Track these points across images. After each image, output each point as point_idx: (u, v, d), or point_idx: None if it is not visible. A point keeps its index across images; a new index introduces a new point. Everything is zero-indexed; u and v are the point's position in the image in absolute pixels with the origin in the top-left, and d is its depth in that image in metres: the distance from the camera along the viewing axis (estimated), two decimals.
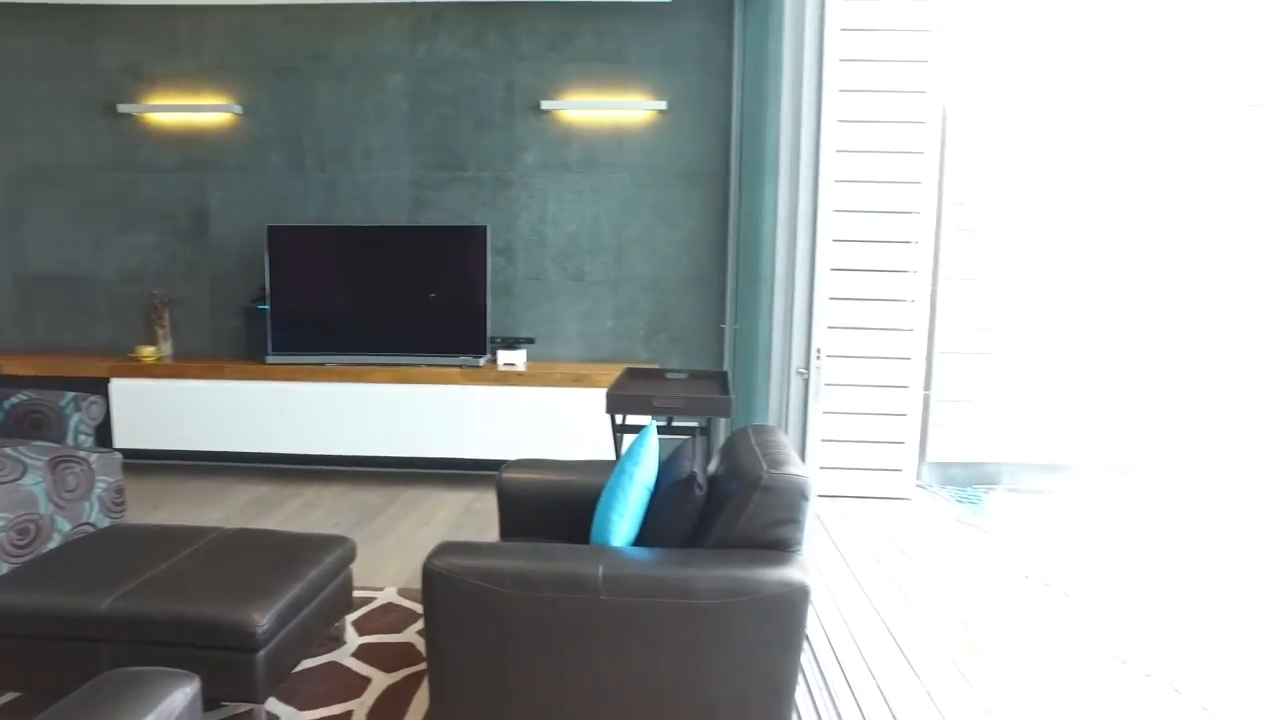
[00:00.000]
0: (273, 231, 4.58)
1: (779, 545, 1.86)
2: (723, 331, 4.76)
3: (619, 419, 3.26)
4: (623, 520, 2.02)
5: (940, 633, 2.94)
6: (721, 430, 4.58)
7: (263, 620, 2.02)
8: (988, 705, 2.46)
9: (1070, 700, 2.50)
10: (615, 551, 1.91)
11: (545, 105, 4.66)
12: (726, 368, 4.69)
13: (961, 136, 4.61)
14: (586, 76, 4.67)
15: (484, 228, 4.59)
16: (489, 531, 3.86)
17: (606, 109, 4.68)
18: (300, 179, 4.81)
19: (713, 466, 2.22)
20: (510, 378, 4.50)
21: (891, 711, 2.42)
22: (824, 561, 3.58)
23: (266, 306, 4.63)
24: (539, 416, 4.46)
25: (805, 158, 2.39)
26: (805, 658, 2.70)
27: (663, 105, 4.63)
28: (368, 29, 4.68)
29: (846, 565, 3.55)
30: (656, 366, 4.60)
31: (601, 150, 4.72)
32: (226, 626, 2.00)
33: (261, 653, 2.04)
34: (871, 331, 4.38)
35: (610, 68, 4.66)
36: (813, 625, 2.92)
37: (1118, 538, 4.49)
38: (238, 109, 4.75)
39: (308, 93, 4.75)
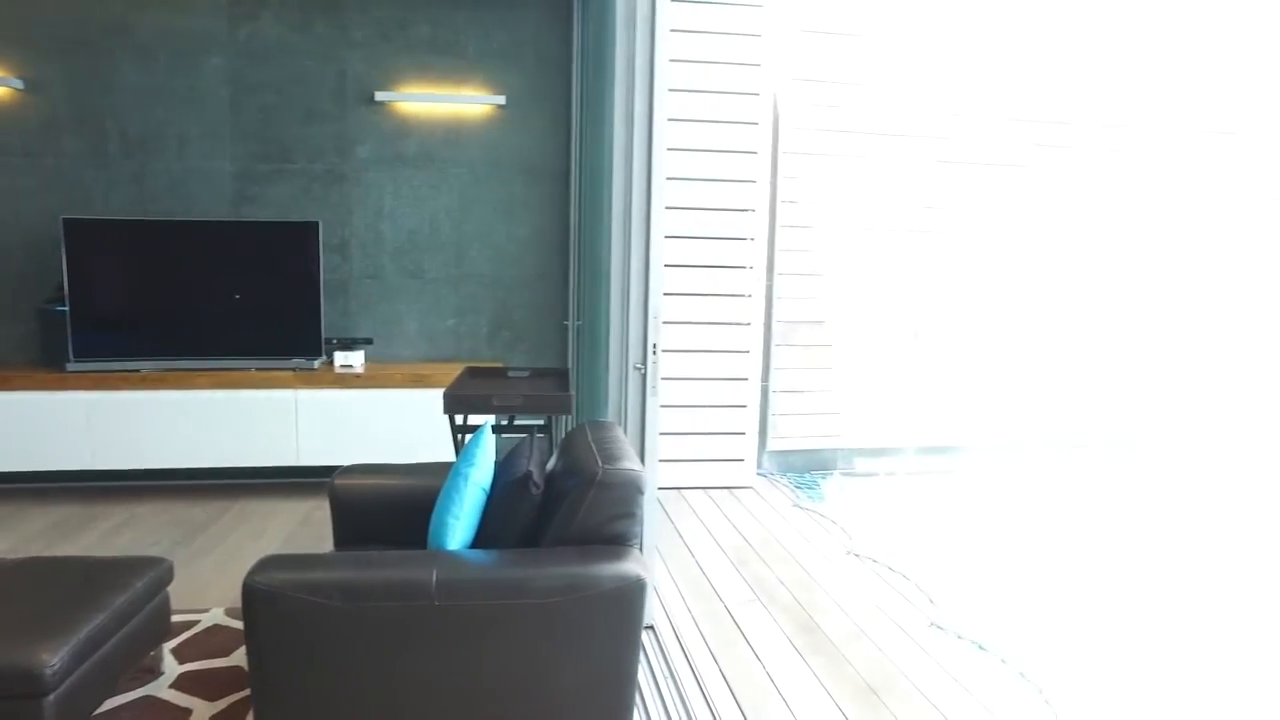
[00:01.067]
0: (70, 225, 4.15)
1: (616, 540, 1.88)
2: (566, 328, 4.76)
3: (460, 419, 3.19)
4: (458, 523, 1.98)
5: (778, 613, 3.07)
6: (565, 428, 4.58)
7: (53, 660, 1.83)
8: (823, 680, 2.60)
9: (895, 666, 2.68)
10: (450, 555, 1.87)
11: (380, 96, 4.49)
12: (570, 365, 4.70)
13: (794, 137, 4.82)
14: (423, 68, 4.53)
15: (315, 223, 4.36)
16: (328, 542, 3.67)
17: (444, 102, 4.57)
18: (103, 167, 4.39)
19: (552, 464, 2.22)
20: (348, 380, 4.30)
21: (733, 694, 2.50)
22: (670, 551, 3.66)
23: (65, 308, 4.19)
24: (380, 419, 4.29)
25: (638, 155, 2.43)
26: (651, 647, 2.75)
27: (502, 100, 4.57)
28: (175, 5, 4.32)
29: (691, 554, 3.65)
30: (499, 365, 4.54)
31: (440, 144, 4.60)
32: (7, 671, 1.80)
33: (51, 697, 1.84)
34: (711, 326, 4.52)
35: (448, 60, 4.54)
36: (657, 614, 2.98)
37: (936, 515, 4.86)
38: (17, 83, 4.26)
39: (108, 71, 4.33)
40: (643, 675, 2.58)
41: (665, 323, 4.32)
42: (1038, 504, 5.13)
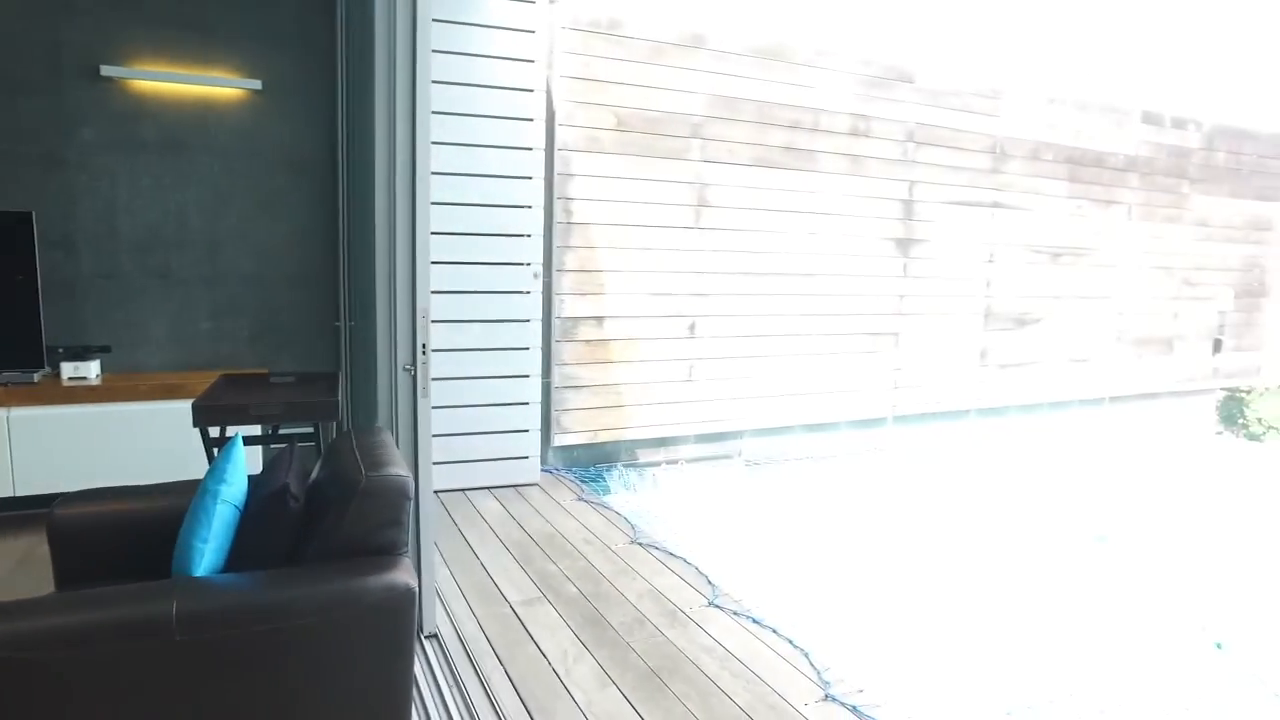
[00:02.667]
0: None
1: (384, 550, 1.80)
2: (338, 330, 4.50)
3: (216, 433, 2.92)
4: (206, 546, 1.80)
5: (565, 607, 3.10)
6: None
7: None
8: (609, 671, 2.65)
9: (676, 648, 2.79)
10: (194, 582, 1.70)
11: (107, 71, 3.98)
12: (341, 368, 4.45)
13: (570, 134, 4.87)
14: (162, 44, 4.08)
15: (29, 214, 3.79)
16: (51, 585, 3.22)
17: (190, 83, 4.14)
18: None
19: (315, 474, 2.08)
20: (80, 394, 3.79)
21: (519, 694, 2.49)
22: (454, 555, 3.57)
23: None
24: (120, 437, 3.82)
25: (402, 148, 2.33)
26: (435, 655, 2.67)
27: (258, 85, 4.22)
28: None
29: (476, 556, 3.59)
30: (263, 370, 4.20)
31: (186, 131, 4.16)
32: None
33: None
34: (490, 324, 4.47)
35: (192, 36, 4.12)
36: (441, 621, 2.90)
37: (716, 501, 5.13)
38: None
39: None
40: (426, 685, 2.50)
41: (440, 322, 4.22)
42: (808, 486, 5.58)
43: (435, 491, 4.29)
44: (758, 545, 4.26)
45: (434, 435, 4.25)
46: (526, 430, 4.63)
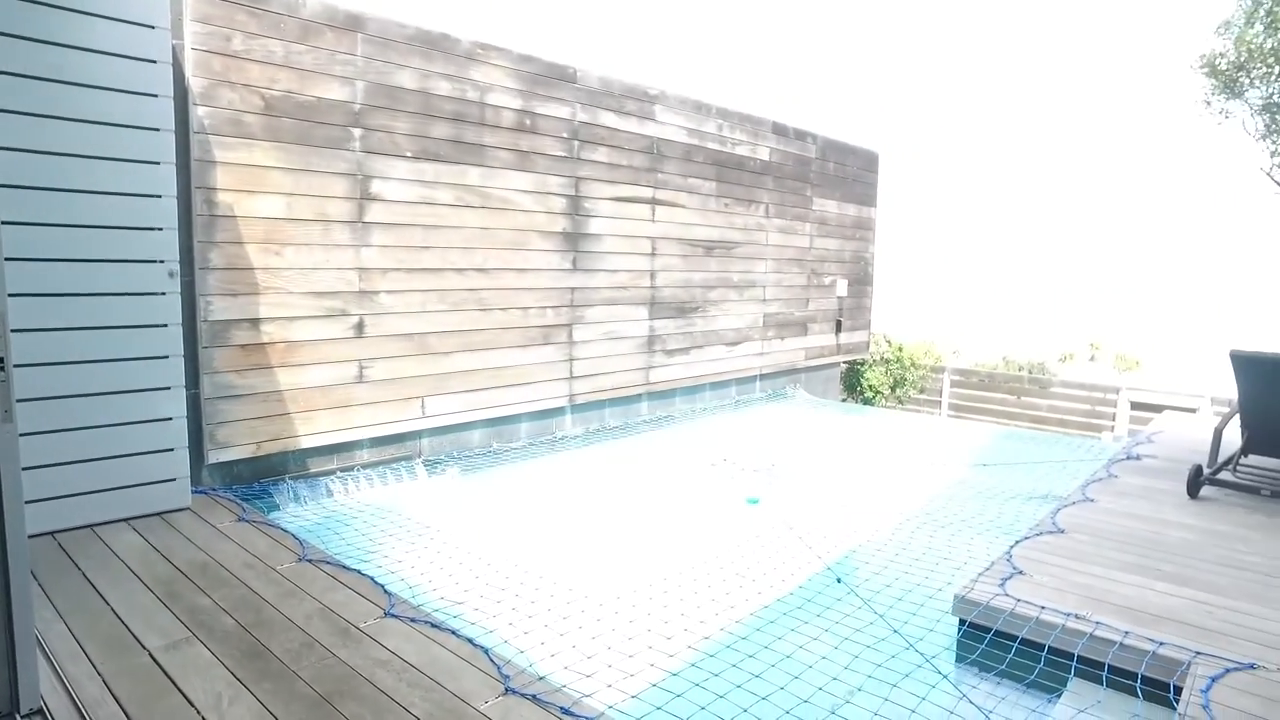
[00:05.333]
0: None
1: None
2: None
3: None
4: None
5: (219, 644, 2.77)
6: None
7: None
8: (271, 706, 2.42)
9: (349, 668, 2.63)
10: None
11: None
12: None
13: (209, 114, 4.34)
14: None
15: None
16: None
17: None
18: None
19: None
20: None
21: None
22: (73, 608, 3.03)
23: None
24: None
25: None
26: None
27: None
28: None
29: (107, 603, 3.08)
30: None
31: None
32: None
33: None
34: (117, 330, 3.85)
35: None
36: (49, 693, 2.44)
37: (393, 504, 4.93)
38: None
39: None
40: None
41: (39, 331, 3.55)
42: (490, 482, 5.57)
43: (45, 534, 3.62)
44: (439, 546, 4.18)
45: (40, 466, 3.59)
46: (171, 449, 4.06)
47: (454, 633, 2.90)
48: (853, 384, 10.69)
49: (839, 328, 9.79)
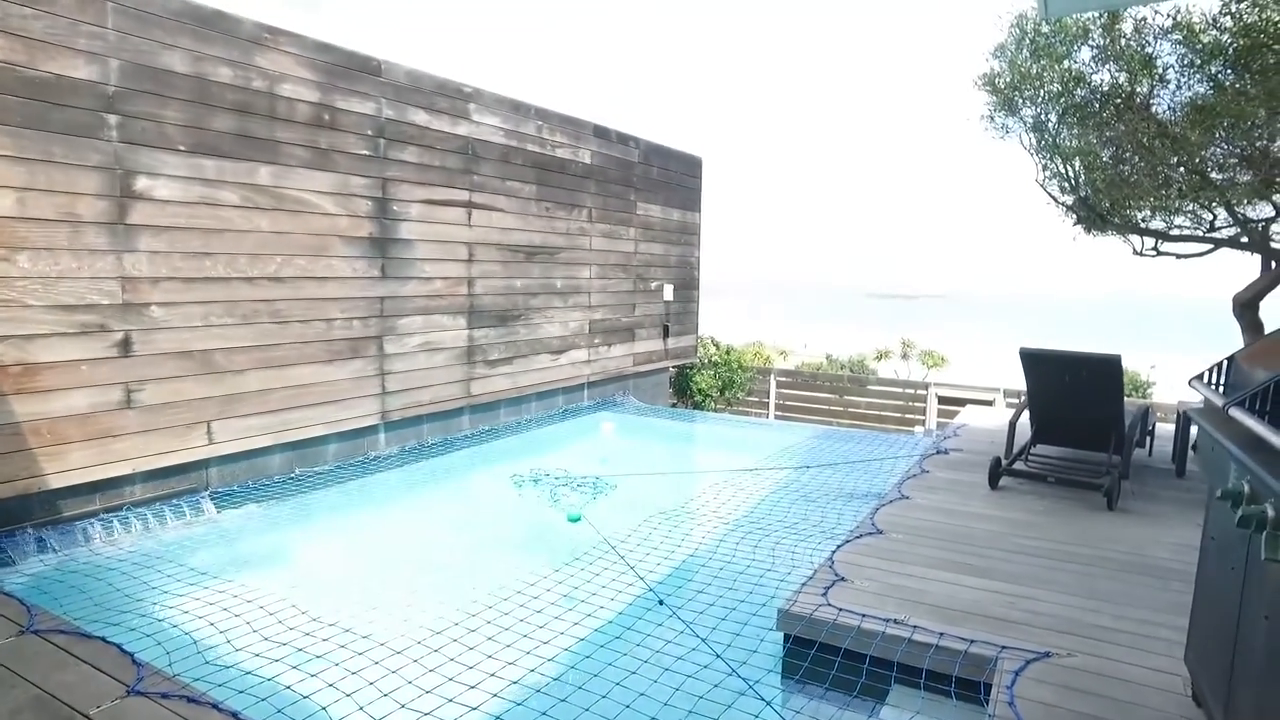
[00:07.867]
0: None
1: None
2: None
3: None
4: None
5: None
6: None
7: None
8: None
9: None
10: None
11: None
12: None
13: None
14: None
15: None
16: None
17: None
18: None
19: None
20: None
21: None
22: None
23: None
24: None
25: None
26: None
27: None
28: None
29: None
30: None
31: None
32: None
33: None
34: None
35: None
36: None
37: (164, 550, 4.31)
38: None
39: None
40: None
41: None
42: (293, 514, 5.01)
43: None
44: (214, 596, 3.63)
45: None
46: None
47: (215, 706, 2.45)
48: (682, 388, 10.75)
49: (666, 332, 9.80)
